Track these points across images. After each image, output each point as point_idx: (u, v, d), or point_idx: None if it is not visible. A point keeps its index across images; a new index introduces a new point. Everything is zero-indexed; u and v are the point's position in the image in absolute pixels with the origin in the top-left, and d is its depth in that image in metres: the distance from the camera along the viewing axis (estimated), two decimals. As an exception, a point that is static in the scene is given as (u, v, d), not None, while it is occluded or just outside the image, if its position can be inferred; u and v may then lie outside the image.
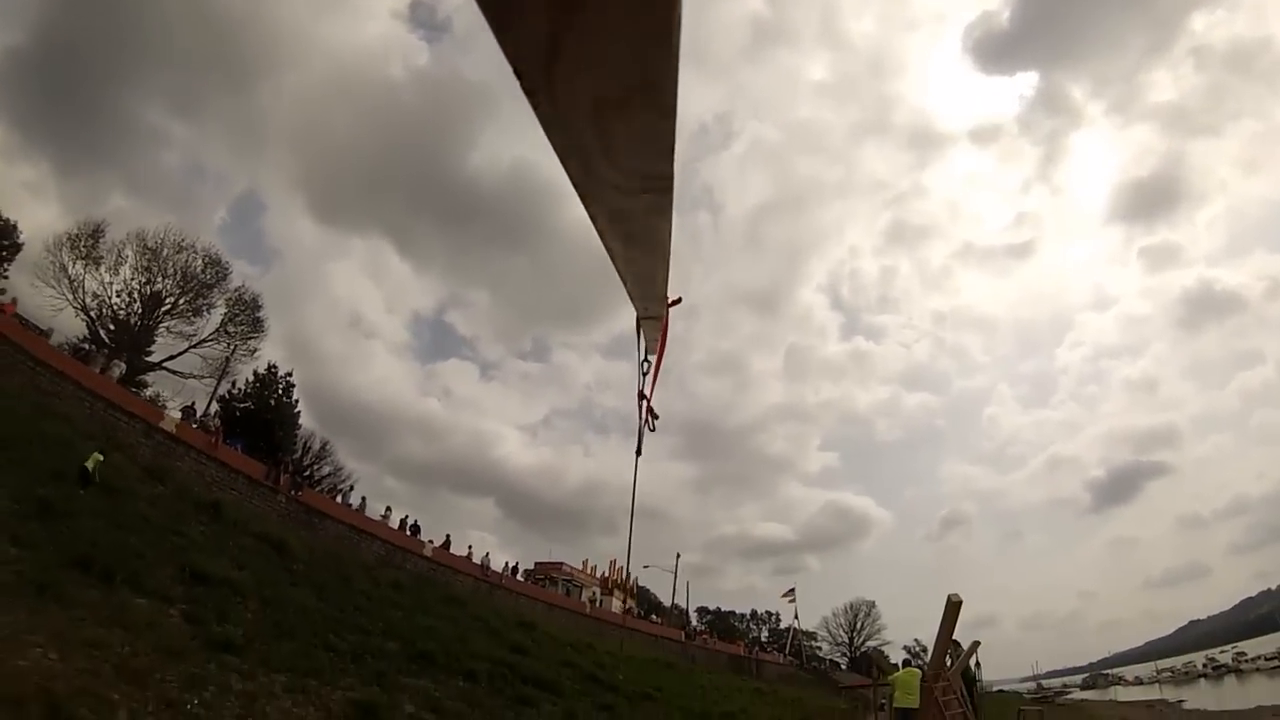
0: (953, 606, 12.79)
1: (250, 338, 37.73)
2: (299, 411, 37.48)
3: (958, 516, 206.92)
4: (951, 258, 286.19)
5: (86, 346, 28.32)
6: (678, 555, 56.81)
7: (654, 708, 21.81)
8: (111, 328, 31.77)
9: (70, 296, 31.50)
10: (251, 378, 36.21)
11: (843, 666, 76.05)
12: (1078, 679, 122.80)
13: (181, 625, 11.77)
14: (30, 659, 8.83)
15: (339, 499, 30.37)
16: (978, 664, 14.07)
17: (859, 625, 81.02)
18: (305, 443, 38.25)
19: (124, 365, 26.73)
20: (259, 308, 38.65)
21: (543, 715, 16.44)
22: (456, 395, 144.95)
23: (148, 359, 33.42)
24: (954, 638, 13.76)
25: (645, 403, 3.15)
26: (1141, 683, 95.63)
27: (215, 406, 32.60)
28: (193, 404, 29.33)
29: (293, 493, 25.10)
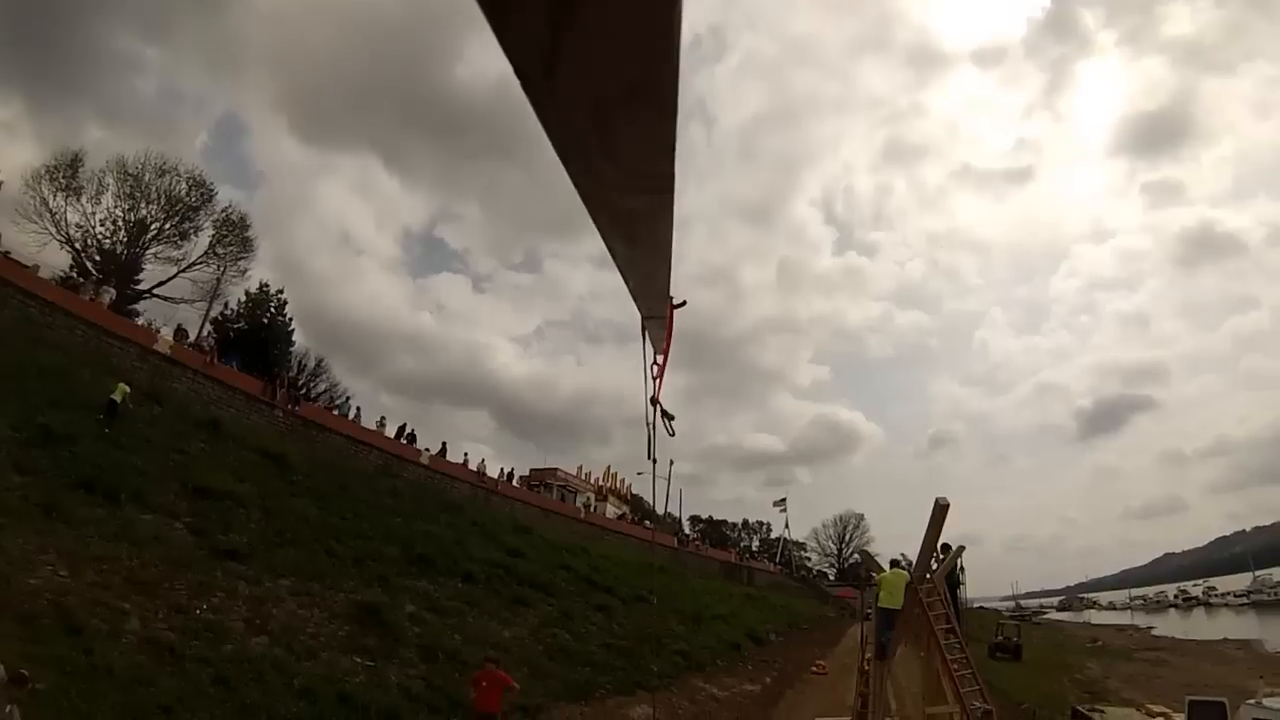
0: (940, 509, 12.70)
1: (240, 258, 37.03)
2: (293, 330, 37.45)
3: (946, 436, 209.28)
4: (948, 179, 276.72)
5: (74, 275, 28.02)
6: (671, 462, 57.49)
7: (647, 609, 22.45)
8: (98, 258, 31.13)
9: (53, 230, 30.72)
10: (243, 298, 36.00)
11: (831, 577, 77.38)
12: (1054, 601, 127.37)
13: (187, 537, 12.21)
14: (41, 577, 9.20)
15: (336, 412, 30.63)
16: (962, 569, 14.34)
17: (847, 537, 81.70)
18: (300, 360, 38.40)
19: (113, 291, 26.48)
20: (247, 227, 37.74)
21: (539, 615, 17.20)
22: (449, 309, 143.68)
23: (137, 287, 33.03)
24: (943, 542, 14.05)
25: (658, 408, 3.36)
26: (1115, 608, 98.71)
27: (208, 329, 32.50)
28: (182, 326, 29.12)
29: (290, 407, 25.37)
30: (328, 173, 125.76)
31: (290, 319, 37.20)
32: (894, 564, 13.52)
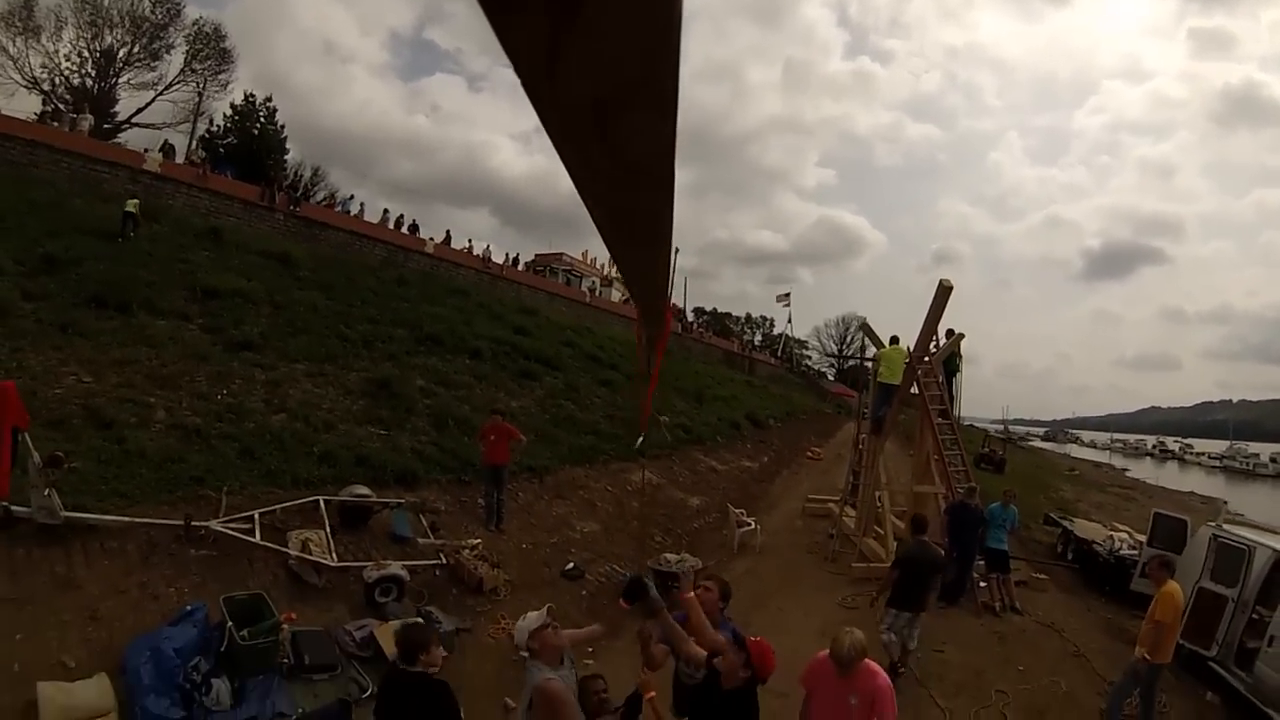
0: (943, 291, 12.16)
1: (220, 72, 34.79)
2: (285, 138, 35.98)
3: (950, 253, 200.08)
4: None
5: (49, 109, 26.62)
6: (675, 250, 56.42)
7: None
8: (69, 98, 29.28)
9: (17, 77, 28.84)
10: (229, 112, 34.28)
11: (830, 377, 76.79)
12: (1040, 431, 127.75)
13: (201, 336, 12.58)
14: (66, 385, 9.63)
15: (337, 210, 30.10)
16: (960, 357, 13.91)
17: (848, 339, 79.39)
18: (296, 171, 37.25)
19: (91, 118, 25.21)
20: (223, 38, 34.89)
21: (545, 387, 17.71)
22: (445, 110, 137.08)
23: (115, 119, 31.38)
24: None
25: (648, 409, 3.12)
26: (1095, 447, 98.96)
27: (196, 145, 31.32)
28: (169, 142, 27.98)
29: (291, 208, 24.98)
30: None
31: (282, 126, 35.67)
32: (894, 340, 13.35)
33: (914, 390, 12.93)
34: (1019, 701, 7.16)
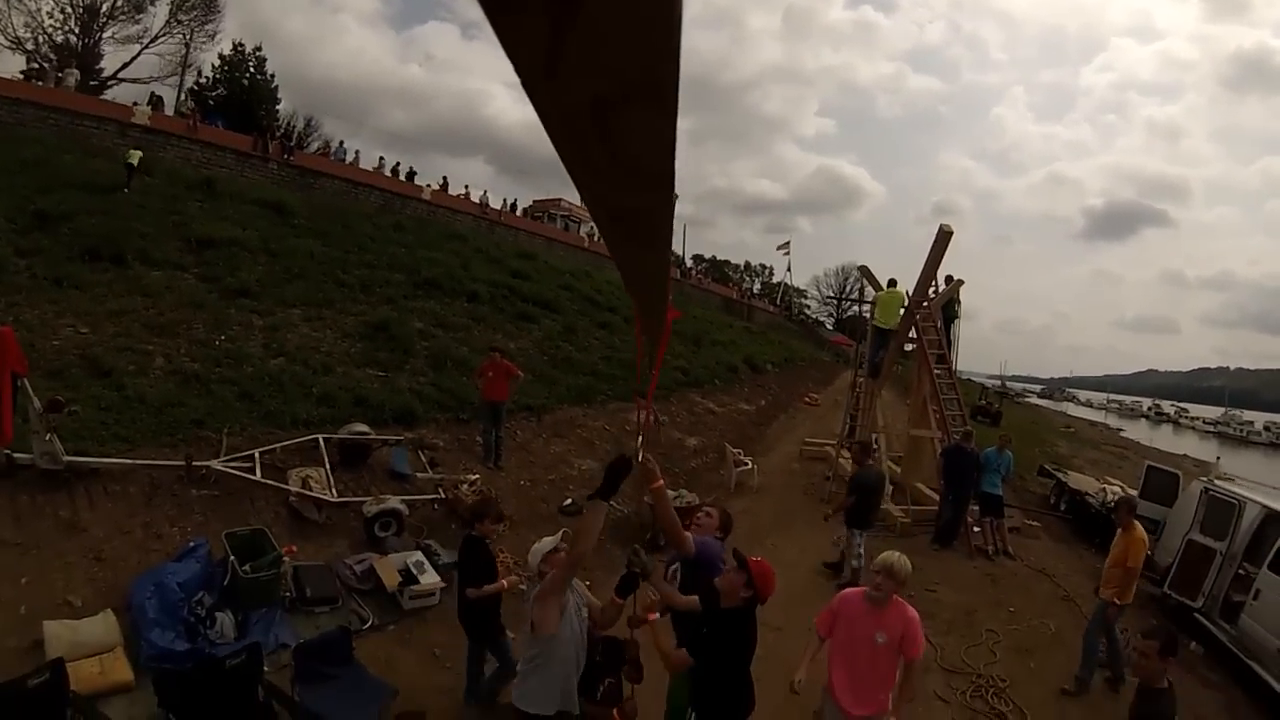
0: (943, 236, 11.88)
1: (206, 22, 33.52)
2: (276, 87, 35.00)
3: (950, 206, 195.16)
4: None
5: (34, 68, 25.85)
6: (676, 195, 55.18)
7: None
8: (53, 56, 28.35)
9: (1, 39, 27.98)
10: (217, 63, 33.25)
11: (829, 326, 75.34)
12: (1037, 388, 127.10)
13: (197, 284, 12.42)
14: (63, 337, 9.53)
15: (332, 158, 29.43)
16: (958, 303, 13.59)
17: (847, 289, 77.47)
18: (289, 121, 36.37)
19: (77, 73, 24.47)
20: None
21: (543, 329, 17.51)
22: (439, 59, 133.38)
23: (101, 75, 30.48)
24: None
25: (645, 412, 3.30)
26: (1091, 406, 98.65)
27: (185, 97, 30.50)
28: (156, 94, 27.29)
29: (284, 157, 24.41)
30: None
31: (272, 76, 34.70)
32: (891, 284, 13.17)
33: (912, 336, 12.84)
34: (1008, 641, 7.31)
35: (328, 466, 8.00)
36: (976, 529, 10.25)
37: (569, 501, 9.61)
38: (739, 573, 3.74)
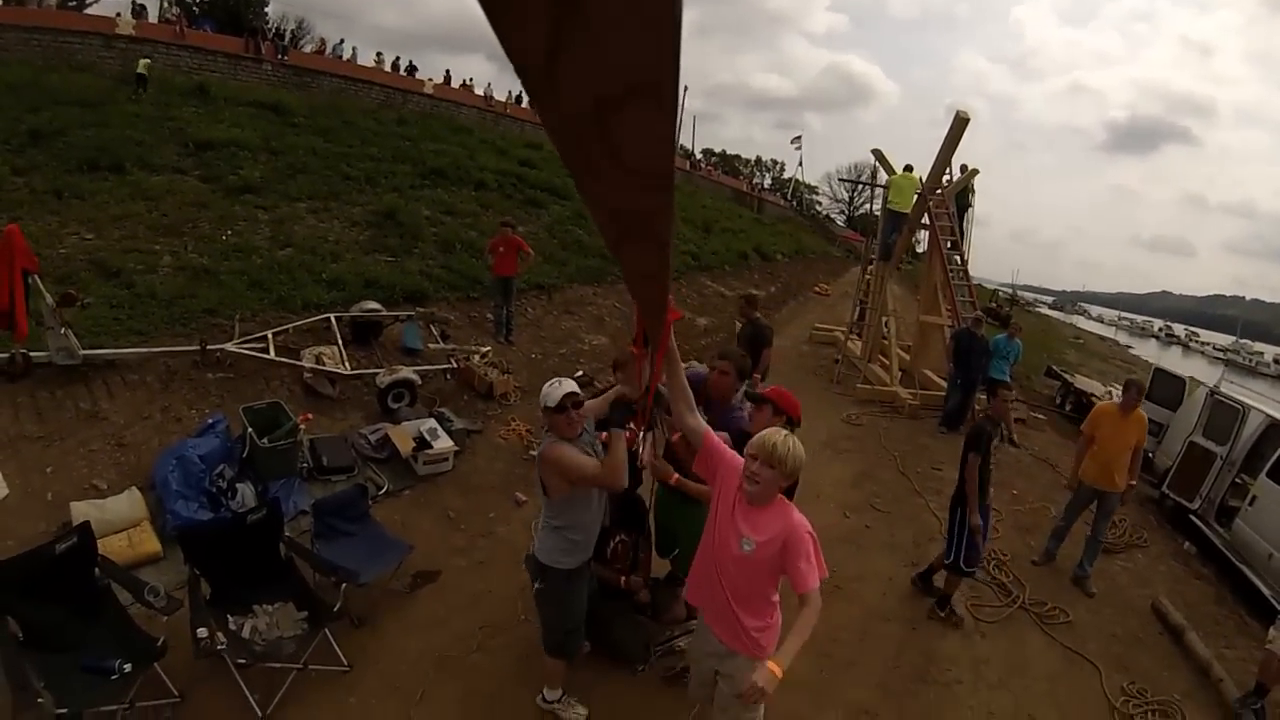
0: (959, 122, 11.22)
1: None
2: (265, -12, 33.17)
3: (965, 109, 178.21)
4: None
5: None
6: (684, 87, 51.83)
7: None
8: None
9: None
10: (201, -34, 31.46)
11: (839, 223, 71.35)
12: (1048, 300, 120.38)
13: (199, 185, 11.95)
14: (69, 245, 9.22)
15: (328, 56, 28.00)
16: (973, 192, 12.85)
17: (859, 189, 72.31)
18: (279, 23, 34.63)
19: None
20: None
21: (552, 215, 16.80)
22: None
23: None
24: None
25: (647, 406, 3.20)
26: (1102, 322, 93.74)
27: (170, 4, 29.00)
28: (138, 3, 25.84)
29: (279, 58, 23.18)
30: None
31: (260, -24, 32.85)
32: (907, 168, 12.69)
33: (924, 222, 12.56)
34: (1010, 520, 7.46)
35: (340, 343, 7.80)
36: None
37: (580, 373, 9.44)
38: (764, 410, 3.69)
